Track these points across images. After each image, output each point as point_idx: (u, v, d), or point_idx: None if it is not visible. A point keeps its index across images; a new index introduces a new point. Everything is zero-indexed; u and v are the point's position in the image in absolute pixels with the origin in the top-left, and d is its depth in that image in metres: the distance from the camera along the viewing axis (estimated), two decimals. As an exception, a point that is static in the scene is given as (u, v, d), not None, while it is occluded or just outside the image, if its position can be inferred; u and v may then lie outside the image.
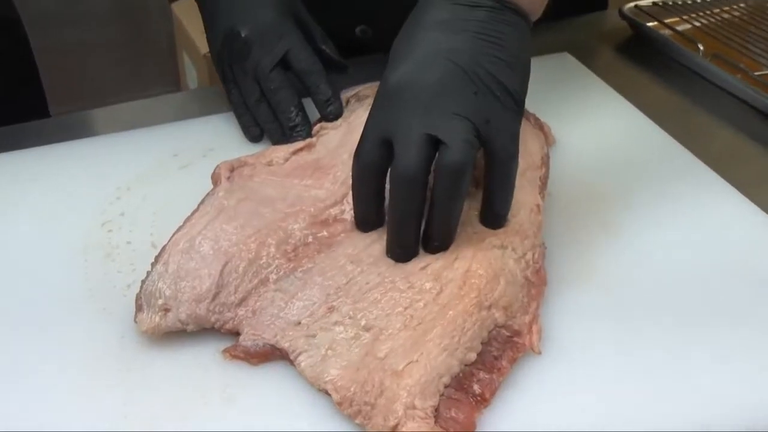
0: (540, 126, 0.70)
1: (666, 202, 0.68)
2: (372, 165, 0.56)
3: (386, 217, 0.57)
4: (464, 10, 0.56)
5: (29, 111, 1.03)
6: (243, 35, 0.73)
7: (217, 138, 0.76)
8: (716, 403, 0.51)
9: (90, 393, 0.52)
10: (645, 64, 0.90)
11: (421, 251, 0.56)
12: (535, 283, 0.57)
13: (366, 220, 0.59)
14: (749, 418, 0.51)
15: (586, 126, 0.77)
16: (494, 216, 0.58)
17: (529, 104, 0.68)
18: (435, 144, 0.53)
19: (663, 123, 0.77)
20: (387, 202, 0.56)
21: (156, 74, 2.31)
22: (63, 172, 0.72)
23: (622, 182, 0.70)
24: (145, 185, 0.69)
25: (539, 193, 0.63)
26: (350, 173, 0.58)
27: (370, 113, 0.57)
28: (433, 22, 0.57)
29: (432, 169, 0.54)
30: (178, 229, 0.58)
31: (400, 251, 0.56)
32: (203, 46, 1.80)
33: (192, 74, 1.97)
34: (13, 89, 1.01)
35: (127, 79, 2.29)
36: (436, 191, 0.54)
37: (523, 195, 0.60)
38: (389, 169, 0.55)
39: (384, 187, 0.57)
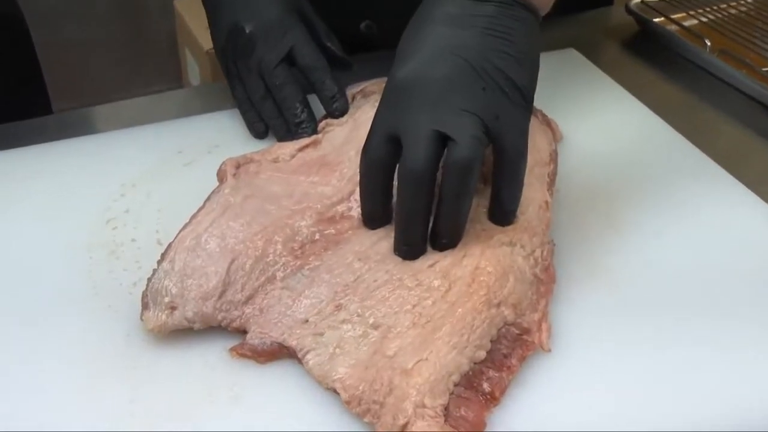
0: (547, 122, 0.70)
1: (673, 199, 0.67)
2: (380, 162, 0.55)
3: (394, 214, 0.56)
4: (473, 5, 0.56)
5: (32, 107, 1.03)
6: (247, 31, 0.73)
7: (222, 134, 0.75)
8: (724, 403, 0.51)
9: (96, 392, 0.51)
10: (651, 59, 0.90)
11: (429, 248, 0.56)
12: (544, 281, 0.56)
13: (373, 216, 0.58)
14: (757, 418, 0.50)
15: (593, 122, 0.77)
16: (503, 213, 0.57)
17: (536, 100, 0.67)
18: (443, 140, 0.53)
19: (669, 119, 0.77)
20: (395, 199, 0.56)
21: (158, 71, 2.30)
22: (66, 170, 0.71)
23: (630, 178, 0.70)
24: (149, 182, 0.69)
25: (547, 190, 0.62)
26: (357, 170, 0.58)
27: (377, 110, 0.56)
28: (441, 17, 0.56)
29: (440, 165, 0.53)
30: (184, 227, 0.58)
31: (408, 249, 0.56)
32: (206, 43, 1.80)
33: (194, 71, 1.97)
34: (16, 86, 1.01)
35: (128, 76, 2.29)
36: (444, 188, 0.53)
37: (532, 192, 0.60)
38: (397, 166, 0.54)
39: (392, 184, 0.57)
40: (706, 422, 0.50)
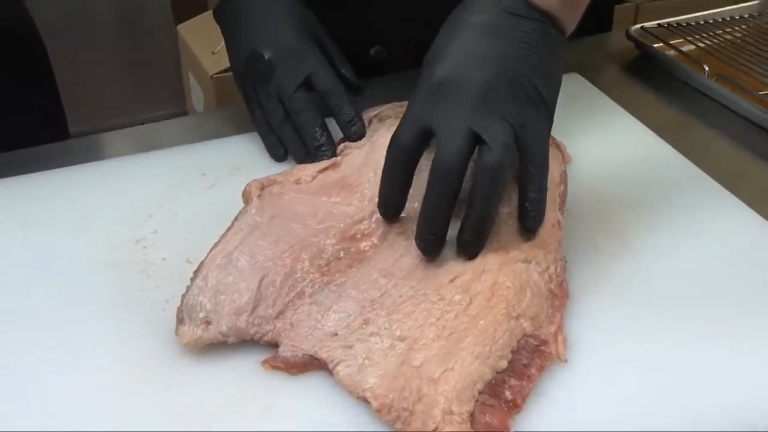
0: (556, 145, 0.73)
1: (676, 215, 0.70)
2: (408, 149, 0.59)
3: (420, 205, 0.58)
4: (512, 18, 0.59)
5: (48, 127, 1.05)
6: (266, 57, 0.76)
7: (242, 157, 0.78)
8: (734, 413, 0.53)
9: (130, 404, 0.53)
10: (651, 83, 0.93)
11: (449, 263, 0.59)
12: (558, 295, 0.59)
13: (390, 203, 0.61)
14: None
15: (598, 143, 0.79)
16: (529, 214, 0.60)
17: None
18: (476, 140, 0.56)
19: (670, 140, 0.80)
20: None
21: (161, 94, 2.33)
22: (94, 191, 0.74)
23: (634, 197, 0.72)
24: (175, 203, 0.72)
25: (559, 210, 0.65)
26: (376, 191, 0.61)
27: (411, 102, 0.60)
28: (478, 26, 0.60)
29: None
30: (215, 245, 0.61)
31: (430, 240, 0.58)
32: (210, 68, 1.82)
33: (198, 95, 1.99)
34: (35, 106, 1.03)
35: (131, 98, 2.31)
36: (474, 190, 0.56)
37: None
38: (432, 159, 0.57)
39: (413, 174, 0.60)
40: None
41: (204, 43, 1.91)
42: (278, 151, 0.77)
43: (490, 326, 0.54)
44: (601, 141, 0.80)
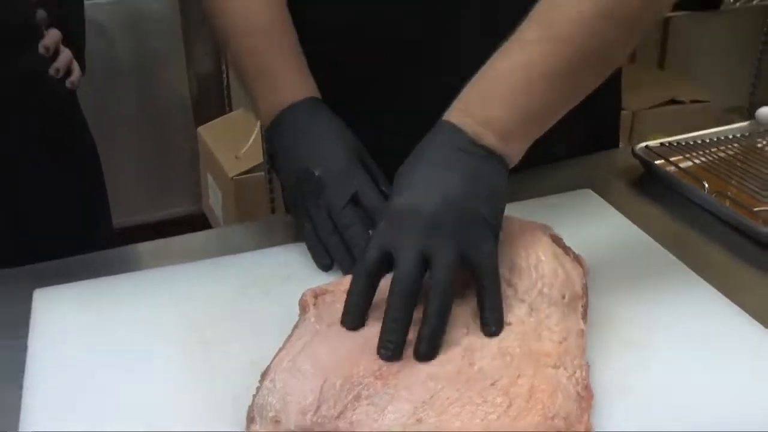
0: (577, 259, 0.80)
1: (683, 323, 0.77)
2: (372, 269, 0.69)
3: (383, 319, 0.67)
4: (460, 154, 0.71)
5: (96, 222, 1.13)
6: (317, 175, 0.85)
7: (290, 267, 0.86)
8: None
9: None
10: (657, 198, 1.01)
11: (488, 368, 0.66)
12: (585, 397, 0.66)
13: (354, 310, 0.70)
14: None
15: (610, 256, 0.87)
16: (487, 320, 0.69)
17: (564, 237, 0.79)
18: (426, 262, 0.67)
19: (676, 252, 0.87)
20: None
21: (178, 193, 2.40)
22: (151, 298, 0.81)
23: (645, 305, 0.79)
24: (233, 309, 0.79)
25: (582, 319, 0.73)
26: (420, 304, 0.69)
27: (377, 228, 0.71)
28: (432, 160, 0.72)
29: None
30: (280, 350, 0.68)
31: (391, 347, 0.66)
32: (230, 170, 1.90)
33: (216, 195, 2.06)
34: (85, 201, 1.12)
35: (148, 196, 2.39)
36: (426, 307, 0.67)
37: (570, 322, 0.71)
38: (391, 279, 0.68)
39: (375, 289, 0.70)
40: None
41: (224, 144, 2.00)
42: (325, 261, 0.85)
43: (529, 426, 0.61)
44: (613, 253, 0.88)
